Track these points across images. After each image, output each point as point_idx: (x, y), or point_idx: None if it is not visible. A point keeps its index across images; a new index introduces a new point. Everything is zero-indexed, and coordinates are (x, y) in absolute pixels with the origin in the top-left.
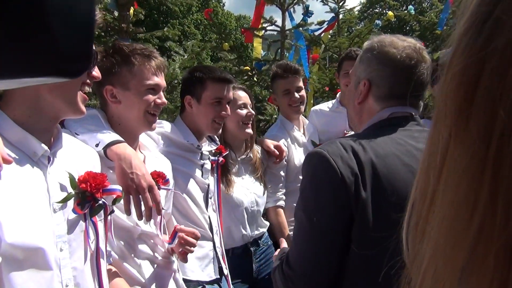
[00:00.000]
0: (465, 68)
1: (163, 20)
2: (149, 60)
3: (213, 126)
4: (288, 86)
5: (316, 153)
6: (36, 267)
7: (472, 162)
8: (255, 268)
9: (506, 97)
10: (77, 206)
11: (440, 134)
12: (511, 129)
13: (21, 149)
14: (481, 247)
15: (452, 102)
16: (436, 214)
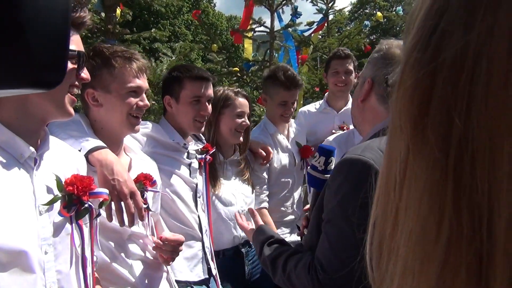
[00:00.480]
0: (416, 82)
1: (154, 20)
2: (130, 62)
3: (195, 125)
4: (288, 98)
5: (359, 160)
6: (20, 270)
7: (433, 173)
8: (248, 270)
9: (460, 105)
10: (63, 209)
11: (397, 150)
12: (468, 136)
13: (7, 151)
14: (452, 260)
15: (407, 117)
16: (402, 231)
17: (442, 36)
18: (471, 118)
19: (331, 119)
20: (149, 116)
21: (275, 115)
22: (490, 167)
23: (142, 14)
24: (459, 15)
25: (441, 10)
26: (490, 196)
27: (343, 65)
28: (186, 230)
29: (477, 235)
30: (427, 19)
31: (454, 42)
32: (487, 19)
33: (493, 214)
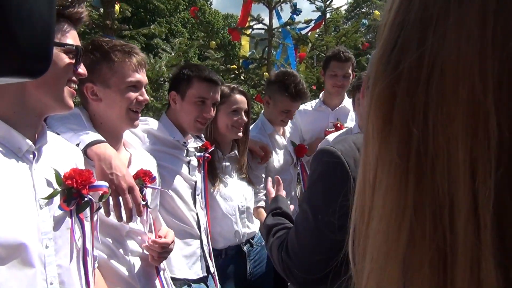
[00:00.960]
0: (381, 92)
1: (150, 18)
2: (130, 56)
3: (195, 126)
4: (292, 108)
5: (328, 151)
6: (20, 264)
7: (395, 178)
8: (249, 270)
9: (418, 115)
10: (63, 202)
11: (369, 156)
12: (426, 142)
13: (5, 145)
14: (415, 257)
15: (375, 125)
16: (371, 230)
17: (401, 49)
18: (428, 125)
19: (326, 116)
20: (148, 112)
21: (275, 119)
22: (448, 169)
23: (139, 11)
24: (415, 28)
25: (401, 24)
26: (450, 195)
27: (342, 69)
28: (184, 227)
29: (439, 233)
30: (390, 33)
31: (411, 54)
32: (438, 30)
33: (454, 212)
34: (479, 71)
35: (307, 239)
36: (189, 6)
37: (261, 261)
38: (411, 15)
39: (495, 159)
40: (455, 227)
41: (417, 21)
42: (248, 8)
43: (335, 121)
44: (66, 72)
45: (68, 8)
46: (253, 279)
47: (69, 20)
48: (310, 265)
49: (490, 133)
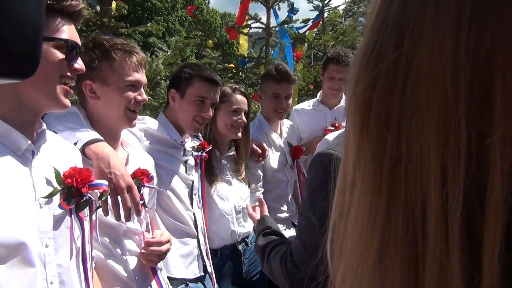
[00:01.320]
0: (359, 95)
1: (147, 16)
2: (130, 55)
3: (193, 125)
4: (280, 91)
5: (329, 154)
6: (20, 264)
7: (369, 182)
8: (245, 268)
9: (392, 121)
10: (63, 201)
11: (349, 158)
12: (399, 150)
13: (4, 143)
14: (386, 262)
15: (353, 128)
16: (347, 232)
17: (379, 52)
18: (401, 131)
19: (324, 116)
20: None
21: (269, 110)
22: (421, 175)
23: (136, 10)
24: (393, 31)
25: (380, 28)
26: (422, 201)
27: (340, 73)
28: (181, 227)
29: (410, 238)
30: (370, 34)
31: (387, 58)
32: (414, 35)
33: (425, 218)
34: (451, 79)
35: (313, 247)
36: (187, 5)
37: (256, 259)
38: (390, 18)
39: (464, 168)
40: (426, 233)
41: (395, 25)
42: (245, 7)
43: (333, 121)
44: (58, 68)
45: (60, 2)
46: (248, 278)
47: (63, 14)
48: (318, 272)
49: (460, 142)
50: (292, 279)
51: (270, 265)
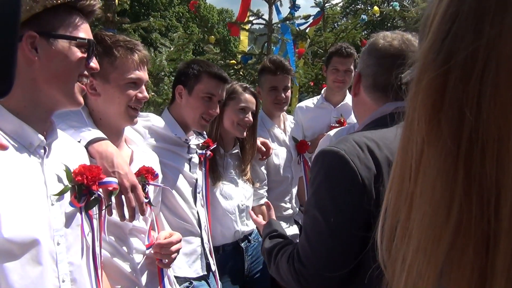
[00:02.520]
0: (431, 81)
1: (144, 12)
2: (132, 53)
3: (200, 122)
4: (276, 83)
5: (331, 151)
6: (32, 262)
7: (446, 163)
8: (247, 266)
9: (471, 102)
10: (74, 199)
11: (413, 141)
12: (478, 129)
13: (16, 139)
14: (460, 240)
15: (423, 112)
16: (416, 214)
17: (454, 40)
18: (481, 113)
19: (328, 113)
20: (149, 107)
21: (268, 104)
22: (498, 156)
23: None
24: (470, 20)
25: (453, 16)
26: (497, 182)
27: (344, 64)
28: (185, 225)
29: (485, 218)
30: (441, 23)
31: (465, 46)
32: (495, 24)
33: (500, 199)
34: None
35: (320, 244)
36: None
37: (258, 256)
38: (465, 7)
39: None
40: (500, 214)
41: (472, 14)
42: (247, 3)
43: (338, 117)
44: (78, 66)
45: (81, 1)
46: (251, 275)
47: (82, 13)
48: (325, 269)
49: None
50: (300, 277)
51: (278, 266)
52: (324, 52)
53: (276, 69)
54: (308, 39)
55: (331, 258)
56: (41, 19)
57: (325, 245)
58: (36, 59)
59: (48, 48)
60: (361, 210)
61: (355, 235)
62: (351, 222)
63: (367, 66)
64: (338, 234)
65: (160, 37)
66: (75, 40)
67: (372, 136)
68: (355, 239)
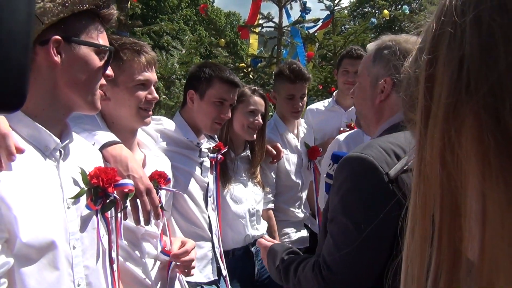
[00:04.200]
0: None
1: (153, 15)
2: (139, 55)
3: (212, 127)
4: (295, 92)
5: (359, 158)
6: (49, 266)
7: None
8: (257, 270)
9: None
10: (91, 201)
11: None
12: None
13: (33, 142)
14: None
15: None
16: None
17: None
18: None
19: (339, 117)
20: (160, 110)
21: (284, 111)
22: None
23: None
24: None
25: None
26: None
27: (354, 66)
28: (196, 230)
29: None
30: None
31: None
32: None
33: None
34: None
35: (351, 250)
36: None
37: None
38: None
39: None
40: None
41: None
42: (257, 6)
43: (348, 122)
44: (97, 73)
45: (103, 9)
46: (260, 280)
47: (102, 20)
48: (356, 275)
49: None
50: (329, 285)
51: (299, 279)
52: (333, 55)
53: (295, 78)
54: (317, 43)
55: (361, 264)
56: (67, 24)
57: (356, 251)
58: (59, 63)
59: (70, 53)
60: (392, 217)
61: (386, 241)
62: (383, 228)
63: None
64: (369, 240)
65: (171, 40)
66: (97, 47)
67: (396, 142)
68: (386, 244)
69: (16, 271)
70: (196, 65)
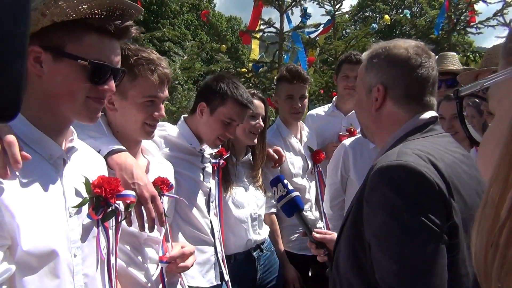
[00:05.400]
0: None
1: (153, 20)
2: (153, 73)
3: (215, 143)
4: (293, 92)
5: (400, 166)
6: (50, 273)
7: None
8: (259, 275)
9: None
10: (92, 211)
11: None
12: None
13: (37, 151)
14: None
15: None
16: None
17: None
18: None
19: (339, 122)
20: None
21: (285, 113)
22: None
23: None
24: None
25: None
26: None
27: (354, 71)
28: (198, 234)
29: None
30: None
31: None
32: None
33: None
34: None
35: (424, 267)
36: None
37: (271, 266)
38: None
39: None
40: None
41: None
42: (258, 11)
43: (348, 126)
44: (81, 89)
45: (105, 20)
46: (262, 285)
47: (105, 32)
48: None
49: None
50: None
51: None
52: (334, 60)
53: (292, 78)
54: (318, 47)
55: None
56: (52, 34)
57: (429, 269)
58: (42, 74)
59: (52, 64)
60: (446, 219)
61: (445, 243)
62: (441, 230)
63: (394, 78)
64: (435, 247)
65: (173, 46)
66: (75, 59)
67: (425, 149)
68: (446, 247)
69: (17, 278)
70: (213, 77)
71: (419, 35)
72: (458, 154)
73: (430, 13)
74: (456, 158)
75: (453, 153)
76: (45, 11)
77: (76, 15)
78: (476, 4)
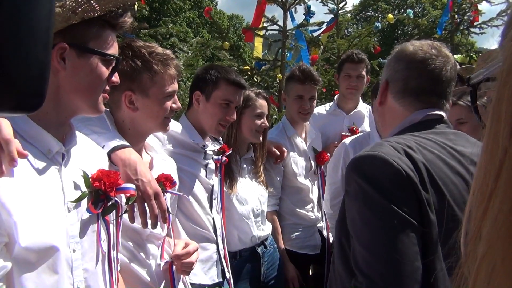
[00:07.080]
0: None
1: (155, 17)
2: (168, 67)
3: (217, 128)
4: (303, 92)
5: (369, 156)
6: (48, 269)
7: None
8: (263, 271)
9: None
10: (91, 205)
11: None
12: None
13: (35, 146)
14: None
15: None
16: (490, 212)
17: None
18: None
19: (341, 121)
20: None
21: (293, 112)
22: None
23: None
24: None
25: None
26: None
27: (356, 70)
28: (201, 232)
29: None
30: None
31: None
32: None
33: None
34: None
35: (394, 254)
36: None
37: (274, 262)
38: None
39: None
40: None
41: None
42: (262, 9)
43: (350, 125)
44: (102, 81)
45: (116, 17)
46: (266, 281)
47: (114, 29)
48: (395, 276)
49: None
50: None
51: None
52: (337, 58)
53: (305, 78)
54: (321, 46)
55: (401, 262)
56: (75, 31)
57: (402, 255)
58: (63, 69)
59: (76, 60)
60: (415, 203)
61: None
62: (411, 216)
63: (396, 72)
64: (402, 231)
65: (178, 42)
66: (104, 56)
67: (405, 142)
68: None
69: (15, 274)
70: (202, 67)
71: (421, 35)
72: (449, 149)
73: (432, 13)
74: (443, 154)
75: (443, 149)
76: (77, 8)
77: (101, 12)
78: (480, 4)
